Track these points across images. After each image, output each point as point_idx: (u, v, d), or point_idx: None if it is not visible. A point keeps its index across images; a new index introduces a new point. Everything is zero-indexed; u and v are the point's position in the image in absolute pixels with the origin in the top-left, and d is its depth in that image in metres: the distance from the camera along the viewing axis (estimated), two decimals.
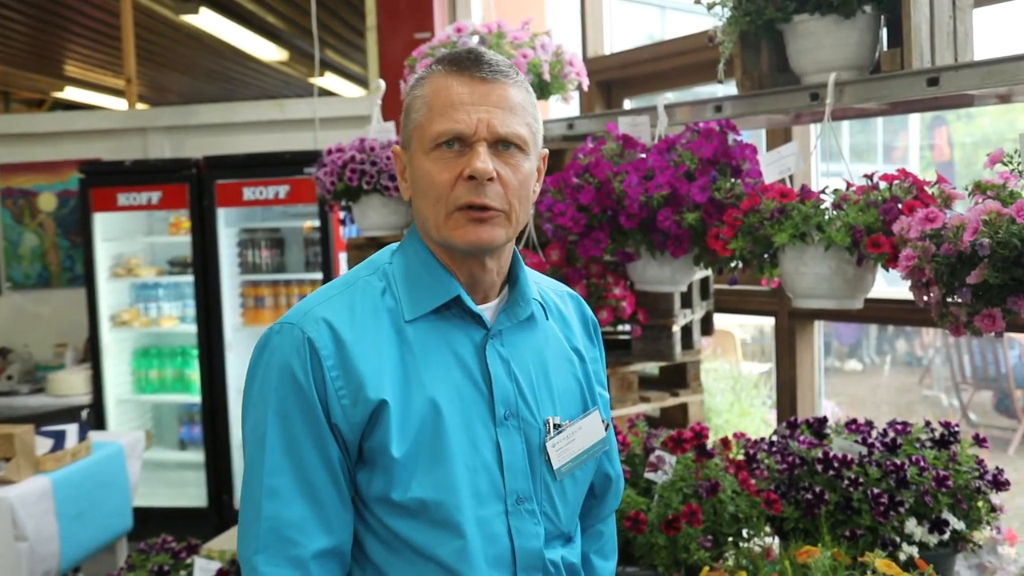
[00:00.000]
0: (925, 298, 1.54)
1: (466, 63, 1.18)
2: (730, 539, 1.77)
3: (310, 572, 1.12)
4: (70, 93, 9.39)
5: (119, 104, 9.34)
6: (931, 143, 8.63)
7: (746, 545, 1.78)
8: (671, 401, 2.41)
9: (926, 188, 1.69)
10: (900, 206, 1.64)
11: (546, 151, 1.29)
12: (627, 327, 2.36)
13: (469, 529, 1.15)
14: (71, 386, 4.71)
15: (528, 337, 1.26)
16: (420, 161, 1.18)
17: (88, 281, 4.61)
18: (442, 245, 1.20)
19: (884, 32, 1.93)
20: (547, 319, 1.31)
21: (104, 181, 4.57)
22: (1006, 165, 1.54)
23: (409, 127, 1.21)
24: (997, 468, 1.85)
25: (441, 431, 1.15)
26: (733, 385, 3.75)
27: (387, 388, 1.14)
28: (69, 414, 4.49)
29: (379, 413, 1.14)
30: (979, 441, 1.91)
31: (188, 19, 6.42)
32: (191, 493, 4.64)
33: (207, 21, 6.52)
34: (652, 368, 2.54)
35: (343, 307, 1.18)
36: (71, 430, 3.14)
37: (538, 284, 1.34)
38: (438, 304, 1.20)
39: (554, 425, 1.24)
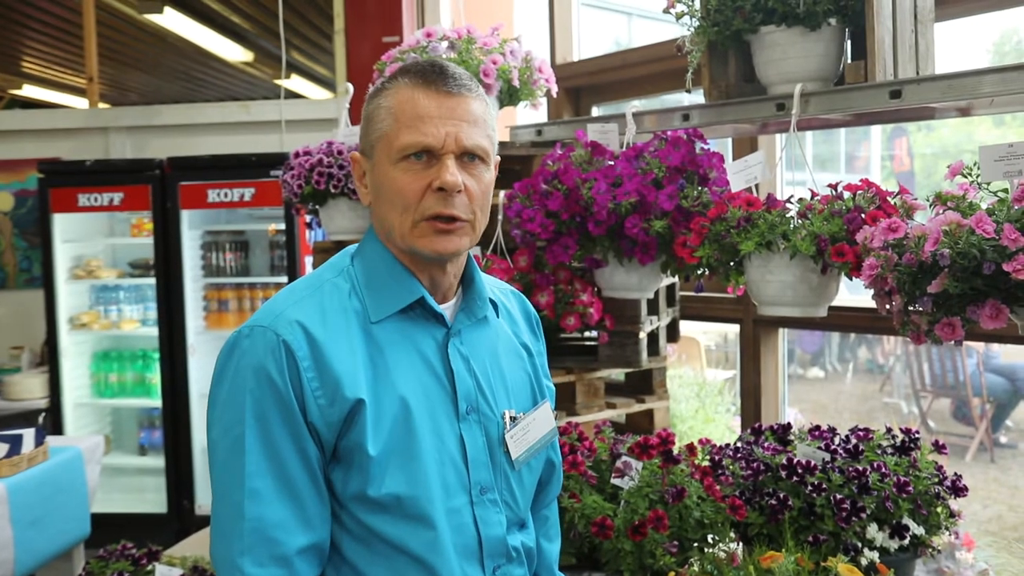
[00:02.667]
0: (887, 307, 1.56)
1: (431, 76, 1.22)
2: (695, 545, 1.78)
3: (294, 568, 1.16)
4: (29, 91, 9.20)
5: (80, 103, 9.18)
6: (891, 153, 8.79)
7: (711, 551, 1.79)
8: (637, 407, 2.42)
9: (889, 199, 1.72)
10: (864, 216, 1.67)
11: (498, 158, 1.34)
12: (594, 333, 2.37)
13: (439, 521, 1.20)
14: (27, 389, 4.61)
15: (483, 335, 1.33)
16: (387, 170, 1.22)
17: (46, 283, 4.52)
18: (407, 252, 1.25)
19: (848, 44, 1.96)
20: (497, 317, 1.38)
21: (64, 181, 4.48)
22: (966, 177, 1.57)
23: (372, 135, 1.25)
24: (956, 474, 1.89)
25: (412, 428, 1.20)
26: (698, 392, 3.78)
27: (362, 387, 1.18)
28: (25, 418, 4.40)
29: (356, 412, 1.18)
30: (939, 448, 1.95)
31: (152, 18, 6.33)
32: (151, 499, 4.57)
33: (171, 20, 6.44)
34: (618, 374, 2.55)
35: (314, 309, 1.21)
36: (28, 435, 3.07)
37: (487, 284, 1.40)
38: (403, 305, 1.25)
39: (511, 418, 1.31)
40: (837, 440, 1.99)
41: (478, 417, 1.27)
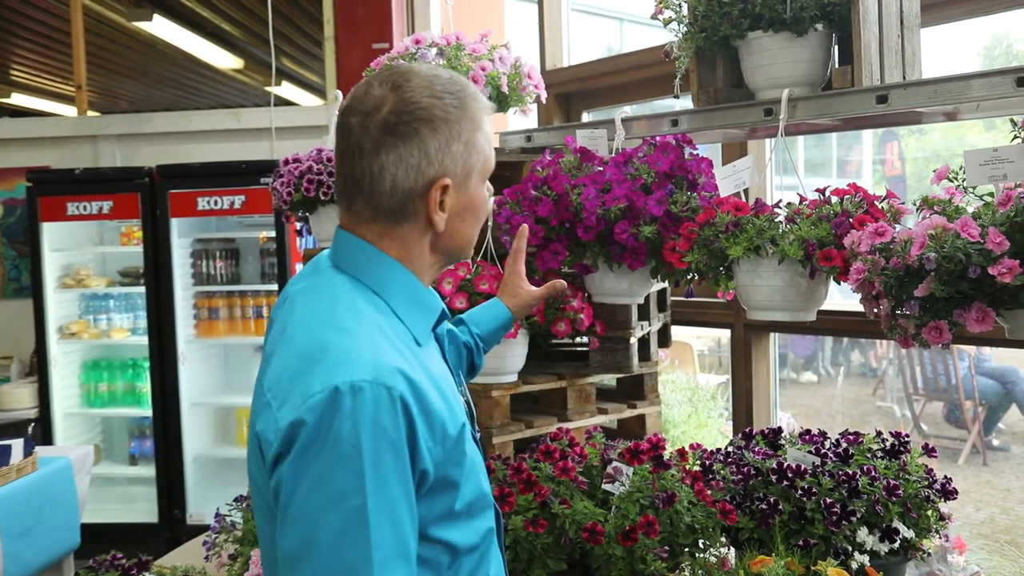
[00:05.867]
0: (875, 310, 1.56)
1: (486, 99, 1.30)
2: (686, 550, 1.78)
3: None
4: (17, 99, 9.18)
5: (69, 111, 9.16)
6: (883, 158, 8.82)
7: (702, 555, 1.79)
8: (628, 413, 2.41)
9: (876, 203, 1.72)
10: (851, 220, 1.67)
11: None
12: (585, 339, 2.37)
13: (492, 511, 1.28)
14: (17, 400, 4.59)
15: None
16: (479, 191, 1.27)
17: (35, 292, 4.50)
18: (457, 259, 1.31)
19: (835, 50, 1.97)
20: None
21: (53, 190, 4.47)
22: (952, 181, 1.58)
23: (471, 161, 1.23)
24: (945, 477, 1.89)
25: (469, 435, 1.23)
26: (690, 396, 3.77)
27: (457, 414, 1.18)
28: (14, 428, 4.38)
29: (459, 439, 1.17)
30: (928, 451, 1.95)
31: (141, 26, 6.32)
32: (141, 508, 4.54)
33: (160, 28, 6.43)
34: (610, 380, 2.55)
35: (392, 350, 1.13)
36: (16, 445, 3.06)
37: None
38: (434, 320, 1.27)
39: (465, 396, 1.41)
40: (827, 444, 2.00)
41: (467, 408, 1.34)
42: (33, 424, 4.53)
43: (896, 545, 1.76)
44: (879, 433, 2.04)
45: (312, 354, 1.10)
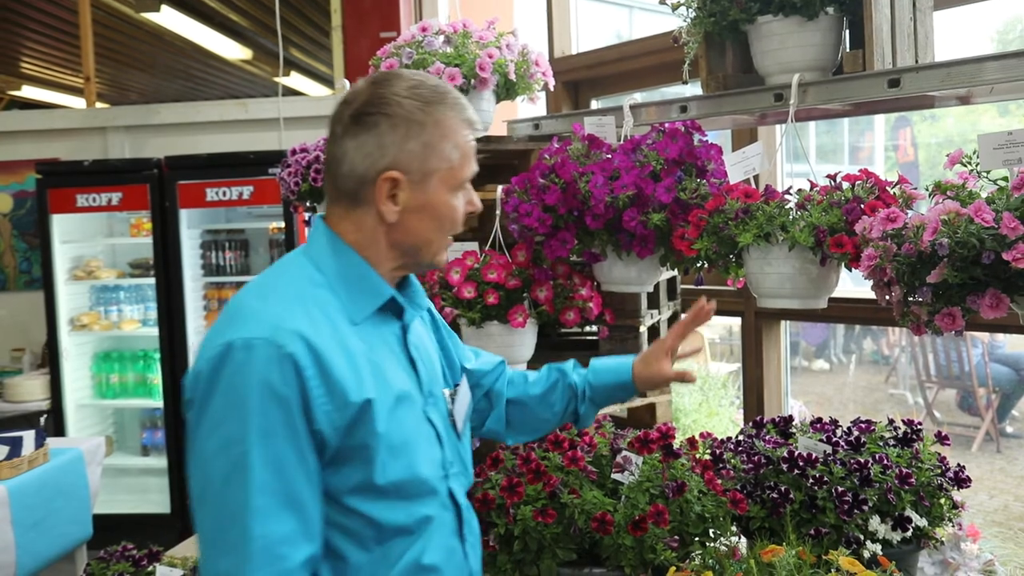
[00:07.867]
0: (887, 297, 1.54)
1: (472, 112, 1.34)
2: (696, 539, 1.77)
3: None
4: (27, 91, 9.21)
5: (78, 103, 9.19)
6: (895, 144, 8.75)
7: (712, 545, 1.78)
8: (638, 401, 2.40)
9: (888, 188, 1.70)
10: (862, 206, 1.65)
11: None
12: (594, 328, 2.35)
13: (432, 500, 1.31)
14: (29, 391, 4.61)
15: (416, 321, 1.43)
16: (444, 197, 1.32)
17: (46, 284, 4.52)
18: (429, 265, 1.36)
19: (847, 34, 1.94)
20: None
21: (62, 182, 4.48)
22: (965, 166, 1.55)
23: (432, 164, 1.29)
24: (959, 465, 1.87)
25: (404, 417, 1.28)
26: (701, 385, 3.76)
27: (367, 387, 1.22)
28: (26, 420, 4.40)
29: (364, 411, 1.21)
30: (941, 439, 1.93)
31: (149, 17, 6.32)
32: (153, 499, 4.57)
33: (169, 19, 6.43)
34: None
35: (303, 315, 1.21)
36: (28, 437, 3.08)
37: None
38: (379, 305, 1.31)
39: (450, 395, 1.44)
40: (839, 432, 1.98)
41: (434, 400, 1.37)
42: (45, 416, 4.56)
43: (909, 534, 1.75)
44: (891, 421, 2.02)
45: (230, 315, 1.22)
